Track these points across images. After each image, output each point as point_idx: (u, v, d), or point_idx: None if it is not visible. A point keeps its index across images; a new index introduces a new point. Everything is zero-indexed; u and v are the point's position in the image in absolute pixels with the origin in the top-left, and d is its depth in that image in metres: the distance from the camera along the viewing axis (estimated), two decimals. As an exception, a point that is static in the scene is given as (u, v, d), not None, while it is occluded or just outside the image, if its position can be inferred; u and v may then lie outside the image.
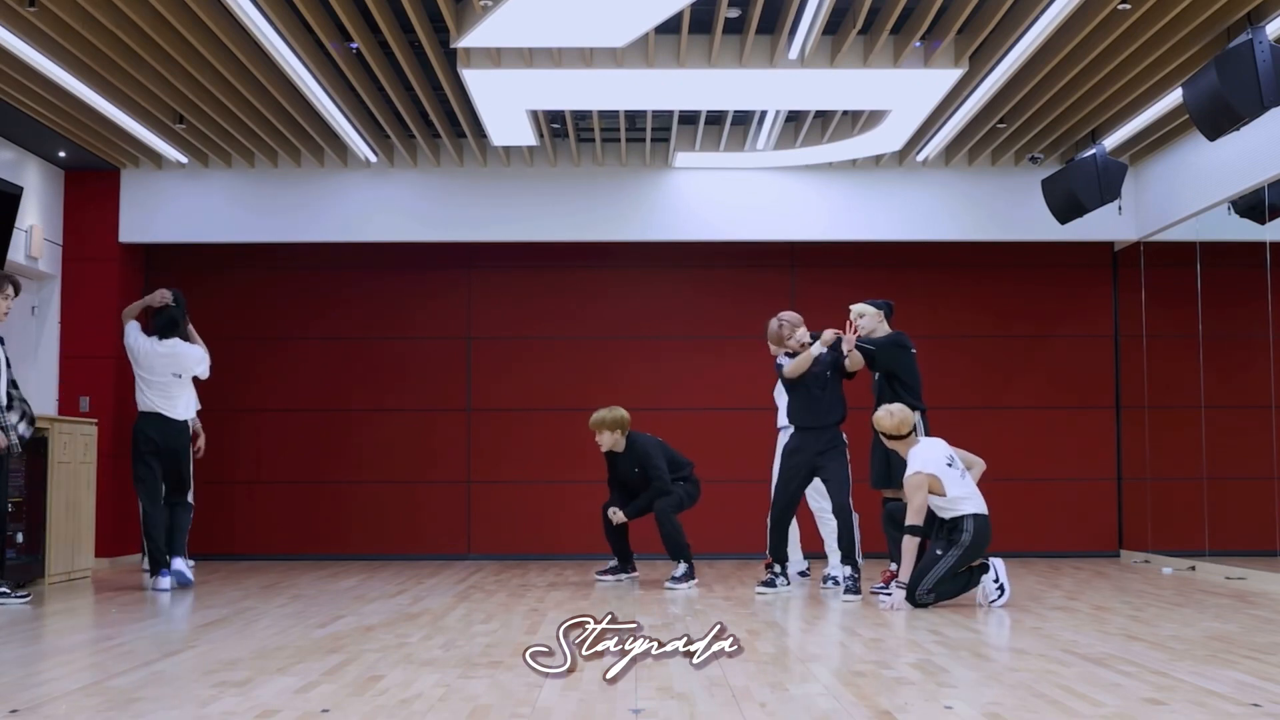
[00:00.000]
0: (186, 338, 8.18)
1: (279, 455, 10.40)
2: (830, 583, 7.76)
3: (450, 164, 9.94)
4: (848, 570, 7.30)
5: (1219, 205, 8.66)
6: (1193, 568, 8.85)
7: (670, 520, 7.99)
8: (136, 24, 6.82)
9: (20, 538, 7.71)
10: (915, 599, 6.63)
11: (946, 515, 6.76)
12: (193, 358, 8.18)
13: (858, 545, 7.39)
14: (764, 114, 8.72)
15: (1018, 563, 9.47)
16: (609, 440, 8.20)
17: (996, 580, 6.75)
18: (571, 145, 9.65)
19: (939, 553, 6.68)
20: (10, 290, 7.06)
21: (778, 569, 7.48)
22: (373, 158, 9.60)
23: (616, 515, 8.19)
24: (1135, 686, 4.27)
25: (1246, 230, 8.60)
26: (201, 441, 8.57)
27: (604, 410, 8.22)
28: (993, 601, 6.71)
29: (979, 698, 4.07)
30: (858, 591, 7.13)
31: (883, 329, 7.53)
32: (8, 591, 6.95)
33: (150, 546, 7.93)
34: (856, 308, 7.57)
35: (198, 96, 8.08)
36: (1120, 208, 9.39)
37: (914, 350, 7.43)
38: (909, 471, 6.77)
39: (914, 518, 6.66)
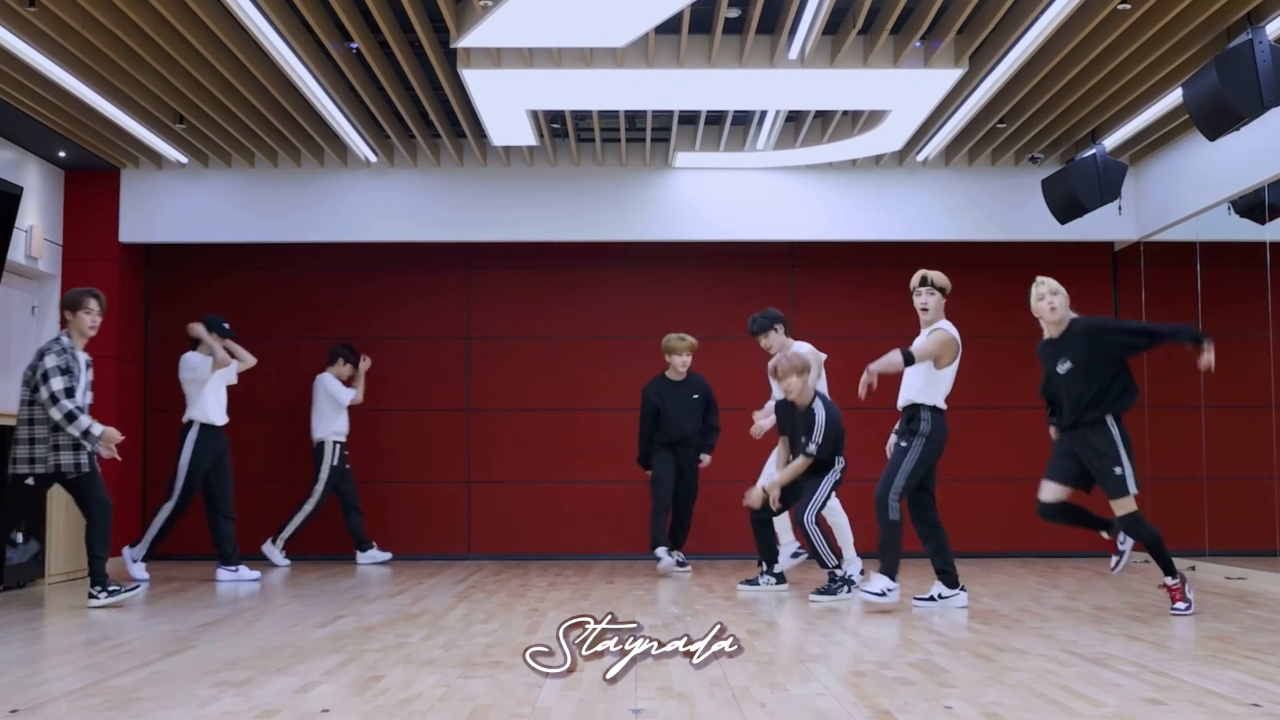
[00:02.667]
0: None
1: (278, 456, 10.39)
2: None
3: (450, 164, 9.94)
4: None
5: (1219, 205, 8.66)
6: (1193, 568, 8.84)
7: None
8: (136, 24, 6.82)
9: (20, 538, 7.71)
10: (888, 505, 6.61)
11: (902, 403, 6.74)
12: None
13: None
14: (764, 114, 8.71)
15: (1018, 563, 9.48)
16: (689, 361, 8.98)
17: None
18: (571, 145, 9.65)
19: (903, 445, 6.72)
20: (93, 304, 7.06)
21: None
22: (373, 158, 9.59)
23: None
24: (1135, 686, 4.27)
25: (1246, 230, 8.60)
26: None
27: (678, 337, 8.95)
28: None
29: (979, 698, 4.07)
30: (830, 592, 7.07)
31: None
32: (118, 587, 6.94)
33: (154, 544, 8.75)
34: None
35: (198, 96, 8.08)
36: (1120, 208, 9.39)
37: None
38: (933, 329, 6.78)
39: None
